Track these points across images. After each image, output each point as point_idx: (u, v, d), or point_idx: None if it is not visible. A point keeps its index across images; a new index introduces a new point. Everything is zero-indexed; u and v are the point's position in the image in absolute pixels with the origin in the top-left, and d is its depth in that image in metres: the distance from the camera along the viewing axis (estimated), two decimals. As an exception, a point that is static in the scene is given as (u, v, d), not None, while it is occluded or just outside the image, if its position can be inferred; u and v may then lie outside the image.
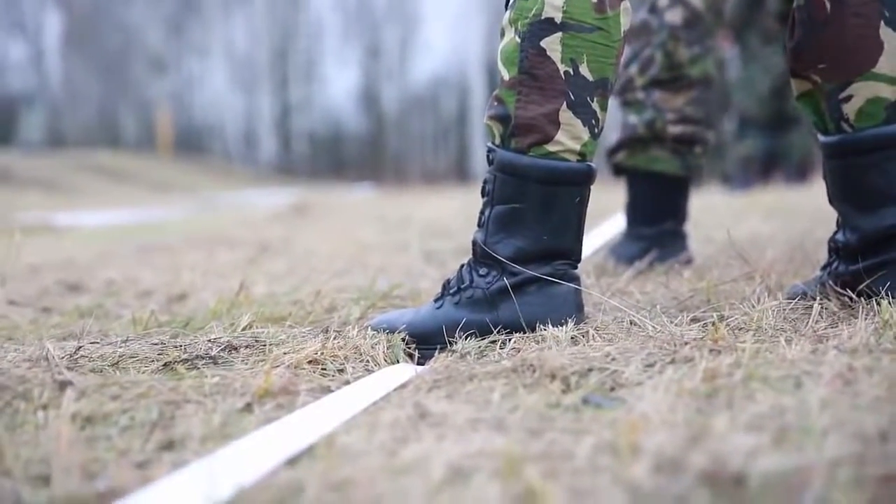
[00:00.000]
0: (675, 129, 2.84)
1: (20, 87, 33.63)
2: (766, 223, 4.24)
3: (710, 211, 5.16)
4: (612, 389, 1.45)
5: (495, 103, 1.84)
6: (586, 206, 1.86)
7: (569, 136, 1.79)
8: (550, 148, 1.79)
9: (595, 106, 1.81)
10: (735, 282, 2.22)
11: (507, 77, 1.82)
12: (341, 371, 1.67)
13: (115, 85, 34.62)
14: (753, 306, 1.86)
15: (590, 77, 1.80)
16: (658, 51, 2.82)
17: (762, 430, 1.16)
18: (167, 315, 2.34)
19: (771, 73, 8.42)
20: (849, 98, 1.86)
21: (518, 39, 1.80)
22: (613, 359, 1.56)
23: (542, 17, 1.79)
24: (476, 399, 1.42)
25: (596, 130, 1.83)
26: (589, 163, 1.83)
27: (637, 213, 2.93)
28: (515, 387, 1.47)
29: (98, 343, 1.84)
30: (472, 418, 1.31)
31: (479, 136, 31.27)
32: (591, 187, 1.86)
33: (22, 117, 30.89)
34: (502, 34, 1.85)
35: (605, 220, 4.33)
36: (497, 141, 1.84)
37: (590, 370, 1.51)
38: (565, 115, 1.79)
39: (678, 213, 2.91)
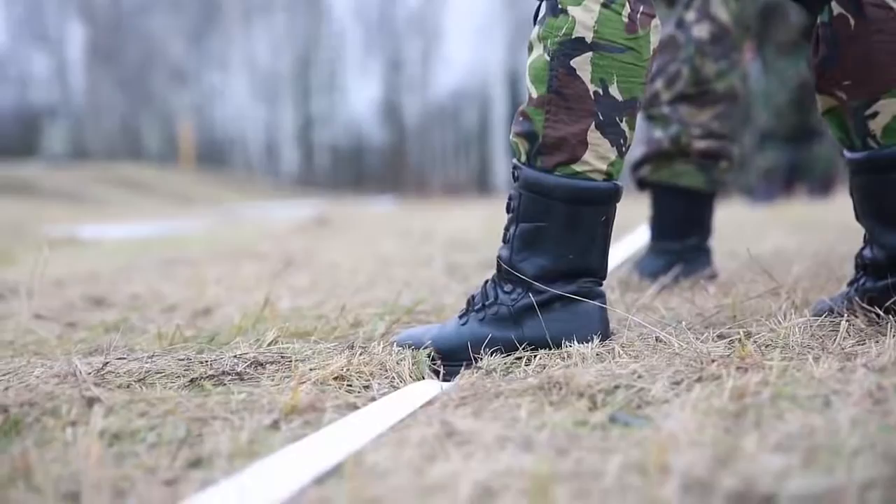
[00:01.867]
0: (700, 144, 2.83)
1: (44, 99, 33.85)
2: (790, 237, 4.22)
3: (734, 224, 5.15)
4: (639, 407, 1.44)
5: (521, 119, 1.83)
6: (612, 225, 1.86)
7: (596, 156, 1.79)
8: (577, 168, 1.79)
9: (624, 126, 1.81)
10: (761, 297, 2.21)
11: (535, 95, 1.81)
12: (367, 387, 1.68)
13: (138, 97, 34.82)
14: (780, 323, 1.85)
15: (619, 97, 1.80)
16: (685, 66, 2.82)
17: (792, 451, 1.15)
18: (192, 330, 2.34)
19: (788, 85, 8.42)
20: (875, 115, 1.85)
21: (547, 57, 1.80)
22: (640, 376, 1.55)
23: (573, 37, 1.78)
24: (503, 416, 1.42)
25: (623, 150, 1.82)
26: (615, 182, 1.83)
27: (661, 227, 2.92)
28: (542, 404, 1.46)
29: (125, 358, 1.84)
30: (499, 436, 1.31)
31: (501, 148, 31.31)
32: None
33: (45, 130, 31.12)
34: (530, 49, 1.85)
35: (629, 232, 4.32)
36: (523, 159, 1.84)
37: (616, 388, 1.51)
38: (593, 135, 1.78)
39: (703, 227, 2.90)
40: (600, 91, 1.78)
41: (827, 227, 4.75)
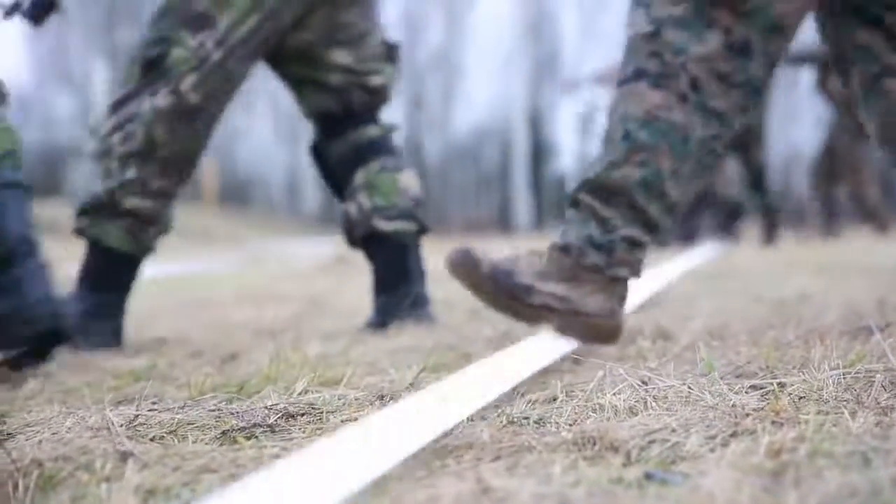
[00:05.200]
0: (132, 202, 2.95)
1: (68, 139, 34.08)
2: (815, 280, 4.20)
3: (755, 266, 5.13)
4: (674, 463, 1.43)
5: None
6: None
7: None
8: None
9: None
10: (791, 346, 2.19)
11: None
12: (398, 440, 1.67)
13: (161, 136, 34.95)
14: (813, 373, 1.83)
15: None
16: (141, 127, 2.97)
17: (833, 513, 1.14)
18: (221, 377, 2.34)
19: None
20: None
21: None
22: (673, 430, 1.54)
23: None
24: (537, 472, 1.41)
25: None
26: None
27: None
28: (576, 459, 1.45)
29: (156, 409, 1.84)
30: (535, 493, 1.30)
31: (523, 186, 31.35)
32: None
33: (70, 169, 31.34)
34: None
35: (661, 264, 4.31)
36: None
37: (651, 443, 1.49)
38: None
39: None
40: None
41: (849, 267, 4.73)
